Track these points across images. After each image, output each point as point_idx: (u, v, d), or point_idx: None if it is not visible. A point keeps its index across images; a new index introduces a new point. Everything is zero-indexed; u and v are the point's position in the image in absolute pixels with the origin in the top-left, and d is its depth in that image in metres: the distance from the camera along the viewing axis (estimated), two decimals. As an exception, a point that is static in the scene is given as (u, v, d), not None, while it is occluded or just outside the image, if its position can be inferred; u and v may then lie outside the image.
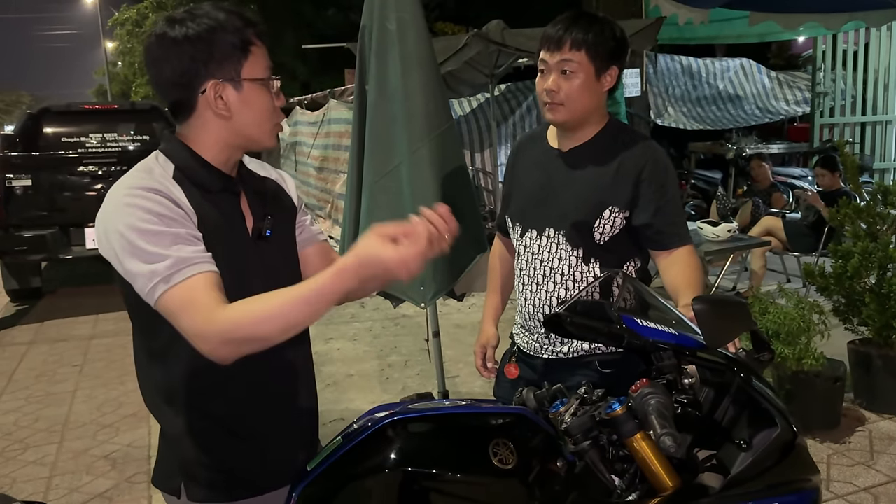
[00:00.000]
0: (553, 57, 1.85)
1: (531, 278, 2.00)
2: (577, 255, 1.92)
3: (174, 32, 1.32)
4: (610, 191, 1.88)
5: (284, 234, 1.52)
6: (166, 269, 1.23)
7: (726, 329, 1.39)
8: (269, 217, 1.45)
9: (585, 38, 1.82)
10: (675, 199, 1.93)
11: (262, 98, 1.38)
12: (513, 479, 1.28)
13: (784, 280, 6.46)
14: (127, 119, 7.75)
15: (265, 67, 1.38)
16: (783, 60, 14.45)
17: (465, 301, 3.35)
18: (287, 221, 1.54)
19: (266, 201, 1.49)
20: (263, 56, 1.38)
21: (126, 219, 1.27)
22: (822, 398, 3.61)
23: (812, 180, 8.49)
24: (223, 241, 1.35)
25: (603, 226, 1.89)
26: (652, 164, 1.88)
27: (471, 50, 6.01)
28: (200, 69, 1.33)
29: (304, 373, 1.55)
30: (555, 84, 1.85)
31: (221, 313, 1.22)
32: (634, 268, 1.97)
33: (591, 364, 1.92)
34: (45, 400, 4.68)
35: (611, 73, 1.88)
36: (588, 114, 1.90)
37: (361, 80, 3.00)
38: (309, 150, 10.67)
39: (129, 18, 24.37)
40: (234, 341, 1.23)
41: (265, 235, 1.44)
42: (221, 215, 1.38)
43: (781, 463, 1.40)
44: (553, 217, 1.94)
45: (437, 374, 3.27)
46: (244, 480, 1.42)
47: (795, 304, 3.61)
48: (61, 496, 3.40)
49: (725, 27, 7.64)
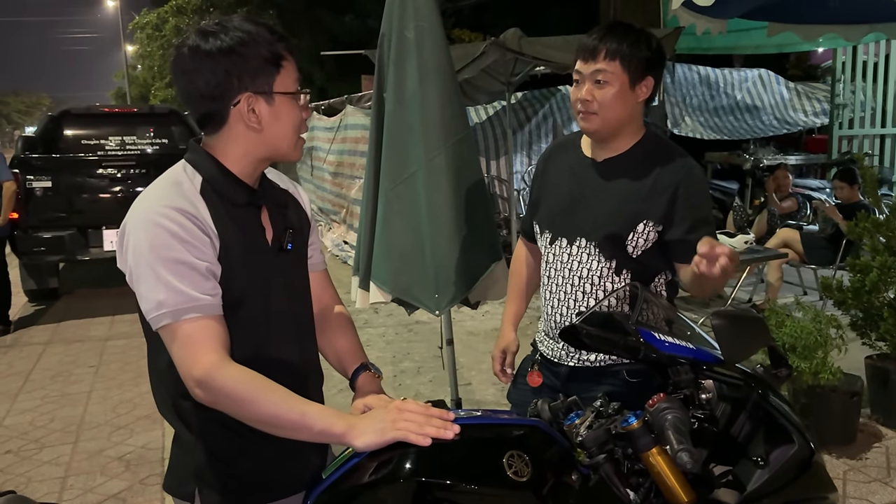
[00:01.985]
0: (588, 67, 1.84)
1: (560, 287, 1.98)
2: (608, 266, 1.90)
3: (208, 45, 1.33)
4: (645, 204, 1.86)
5: (301, 247, 1.55)
6: (175, 305, 1.28)
7: (744, 344, 1.39)
8: (290, 231, 1.47)
9: (620, 48, 1.81)
10: (708, 217, 1.91)
11: (293, 111, 1.41)
12: (527, 492, 1.27)
13: (800, 293, 6.40)
14: (146, 122, 7.82)
15: (295, 80, 1.41)
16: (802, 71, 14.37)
17: (478, 309, 3.34)
18: (302, 236, 1.56)
19: (286, 214, 1.51)
20: (293, 70, 1.40)
21: (150, 239, 1.30)
22: (838, 413, 3.57)
23: (830, 192, 8.42)
24: (245, 256, 1.39)
25: (636, 239, 1.87)
26: (688, 180, 1.86)
27: (488, 58, 6.01)
28: (234, 82, 1.34)
29: (315, 378, 1.57)
30: (588, 94, 1.84)
31: (217, 366, 1.27)
32: (665, 280, 1.96)
33: (619, 374, 1.90)
34: (60, 400, 4.72)
35: (646, 84, 1.86)
36: (622, 124, 1.88)
37: (379, 87, 3.02)
38: (325, 156, 10.72)
39: (149, 22, 24.63)
40: (213, 398, 1.28)
41: (286, 248, 1.46)
42: (244, 229, 1.41)
43: (798, 480, 1.39)
44: (584, 227, 1.93)
45: (451, 382, 3.27)
46: (258, 485, 1.43)
47: (812, 318, 3.57)
48: (75, 496, 3.42)
49: (743, 37, 7.60)
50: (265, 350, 1.44)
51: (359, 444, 1.25)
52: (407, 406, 1.28)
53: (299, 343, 1.52)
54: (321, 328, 1.64)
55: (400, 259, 2.90)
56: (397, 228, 2.91)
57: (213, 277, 1.33)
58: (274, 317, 1.45)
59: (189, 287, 1.28)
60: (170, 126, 7.71)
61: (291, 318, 1.49)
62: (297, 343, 1.51)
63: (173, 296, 1.28)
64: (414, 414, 1.26)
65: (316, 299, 1.62)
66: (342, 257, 8.80)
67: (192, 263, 1.29)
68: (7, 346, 5.94)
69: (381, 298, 3.02)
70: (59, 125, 7.44)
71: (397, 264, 2.91)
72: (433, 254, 2.83)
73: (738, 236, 5.35)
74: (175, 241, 1.29)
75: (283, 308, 1.47)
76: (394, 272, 2.93)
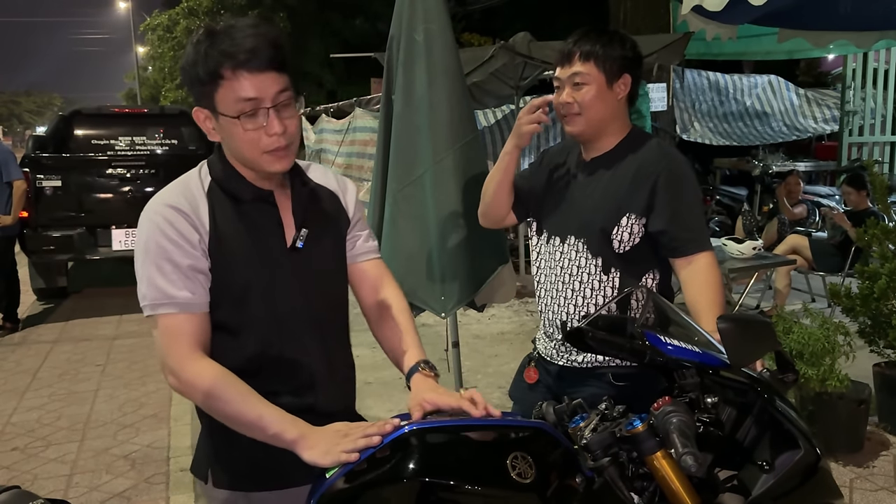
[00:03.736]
0: (565, 71, 1.92)
1: (552, 284, 2.03)
2: (596, 263, 1.94)
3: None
4: (627, 197, 1.90)
5: (325, 247, 1.53)
6: (153, 300, 1.37)
7: (751, 349, 1.38)
8: (304, 229, 1.47)
9: (593, 50, 1.88)
10: (692, 206, 1.93)
11: (236, 131, 1.36)
12: (531, 494, 1.27)
13: (809, 299, 6.37)
14: (156, 123, 7.86)
15: (239, 100, 1.34)
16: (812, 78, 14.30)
17: (484, 312, 3.34)
18: (331, 234, 1.55)
19: (314, 212, 1.51)
20: (241, 88, 1.33)
21: (144, 234, 1.40)
22: (845, 421, 3.55)
23: (839, 199, 8.38)
24: (249, 251, 1.42)
25: (621, 233, 1.90)
26: (667, 170, 1.90)
27: (497, 61, 6.02)
28: (193, 94, 1.40)
29: (339, 378, 1.57)
30: (568, 96, 1.92)
31: (186, 360, 1.36)
32: (654, 280, 1.97)
33: (604, 376, 1.93)
34: (67, 398, 4.74)
35: (623, 82, 1.92)
36: (605, 123, 1.94)
37: (388, 89, 3.03)
38: (333, 158, 10.74)
39: (160, 24, 24.73)
40: (182, 389, 1.38)
41: (297, 247, 1.46)
42: (252, 225, 1.43)
43: (804, 486, 1.38)
44: (574, 225, 1.98)
45: (456, 384, 3.26)
46: (270, 471, 1.45)
47: (820, 325, 3.56)
48: (81, 494, 3.43)
49: (753, 43, 7.57)
50: (273, 348, 1.45)
51: (305, 457, 1.30)
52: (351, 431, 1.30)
53: (320, 343, 1.51)
54: (376, 320, 1.65)
55: (406, 261, 2.91)
56: (404, 230, 2.92)
57: (197, 276, 1.38)
58: (284, 315, 1.46)
59: (168, 284, 1.36)
60: (180, 127, 7.74)
61: (308, 318, 1.49)
62: (317, 343, 1.50)
63: (152, 291, 1.37)
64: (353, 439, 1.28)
65: (371, 290, 1.63)
66: (349, 259, 8.81)
67: (175, 262, 1.36)
68: (15, 344, 5.97)
69: (387, 300, 3.02)
70: (70, 125, 7.49)
71: (404, 266, 2.91)
72: (440, 256, 2.84)
73: (747, 242, 5.32)
74: (163, 239, 1.36)
75: (297, 306, 1.47)
76: (400, 274, 2.93)
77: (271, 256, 1.44)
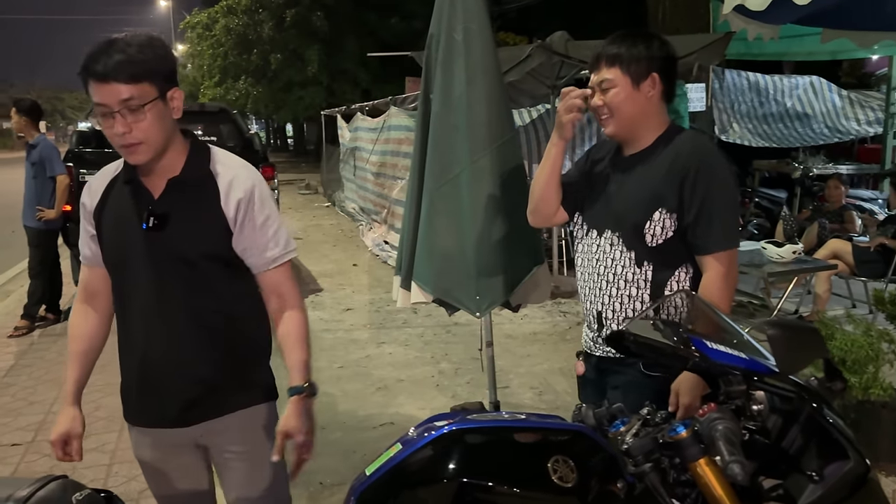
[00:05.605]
0: (595, 78, 2.00)
1: (589, 276, 2.09)
2: (630, 256, 1.98)
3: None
4: (659, 191, 1.93)
5: (185, 231, 1.70)
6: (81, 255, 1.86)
7: (800, 356, 1.35)
8: (150, 209, 1.69)
9: (617, 53, 1.94)
10: (720, 204, 1.91)
11: (103, 126, 1.65)
12: (572, 498, 1.26)
13: (849, 305, 6.23)
14: (195, 120, 7.96)
15: (95, 103, 1.61)
16: (855, 79, 14.01)
17: (518, 312, 3.33)
18: (196, 220, 1.71)
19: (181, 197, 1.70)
20: (92, 94, 1.60)
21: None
22: (888, 430, 3.47)
23: (882, 203, 8.18)
24: (116, 226, 1.73)
25: (654, 227, 1.93)
26: (699, 165, 1.90)
27: (534, 61, 6.00)
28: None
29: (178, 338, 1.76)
30: (599, 100, 1.98)
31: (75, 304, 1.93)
32: (688, 274, 1.98)
33: (634, 364, 1.96)
34: (105, 389, 4.79)
35: (651, 81, 1.95)
36: (637, 122, 1.98)
37: (426, 88, 3.02)
38: (368, 156, 10.80)
39: (199, 22, 25.09)
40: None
41: (150, 226, 1.68)
42: (124, 204, 1.73)
43: (852, 497, 1.35)
44: (610, 219, 2.03)
45: (489, 384, 3.25)
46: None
47: (864, 332, 3.48)
48: (120, 483, 3.50)
49: (795, 44, 7.44)
50: (123, 321, 1.81)
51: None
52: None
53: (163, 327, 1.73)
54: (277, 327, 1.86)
55: (442, 260, 2.90)
56: (440, 229, 2.91)
57: (93, 239, 1.80)
58: (132, 289, 1.74)
59: (82, 243, 1.83)
60: (219, 124, 7.84)
61: (156, 300, 1.71)
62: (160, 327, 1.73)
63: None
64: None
65: (268, 300, 1.84)
66: (382, 257, 8.84)
67: (84, 227, 1.81)
68: (57, 335, 6.10)
69: (422, 299, 3.02)
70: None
71: (439, 265, 2.91)
72: (475, 255, 2.83)
73: (787, 246, 5.23)
74: (83, 210, 1.80)
75: (143, 282, 1.71)
76: (436, 273, 2.94)
77: (128, 232, 1.70)
